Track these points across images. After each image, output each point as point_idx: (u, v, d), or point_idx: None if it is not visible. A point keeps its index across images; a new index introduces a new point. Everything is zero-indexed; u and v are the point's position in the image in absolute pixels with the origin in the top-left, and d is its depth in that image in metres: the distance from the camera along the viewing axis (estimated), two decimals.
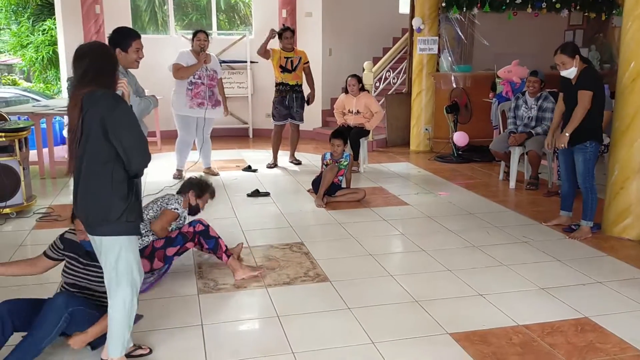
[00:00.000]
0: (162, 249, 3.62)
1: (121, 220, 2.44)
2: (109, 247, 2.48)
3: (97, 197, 2.42)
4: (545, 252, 4.21)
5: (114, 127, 2.36)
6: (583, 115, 4.33)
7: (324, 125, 9.52)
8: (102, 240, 2.48)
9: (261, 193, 5.84)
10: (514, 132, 6.12)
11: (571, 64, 4.36)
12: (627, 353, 2.83)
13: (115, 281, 2.52)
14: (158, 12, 14.25)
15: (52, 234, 4.57)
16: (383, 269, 3.89)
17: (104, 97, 2.39)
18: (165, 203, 3.75)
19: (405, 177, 6.76)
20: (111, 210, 2.41)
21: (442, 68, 8.27)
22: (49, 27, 13.97)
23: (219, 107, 6.45)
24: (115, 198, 2.42)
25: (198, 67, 6.13)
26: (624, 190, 4.44)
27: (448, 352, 2.85)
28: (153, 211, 3.73)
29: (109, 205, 2.41)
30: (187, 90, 6.18)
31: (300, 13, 9.41)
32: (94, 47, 2.56)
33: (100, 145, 2.38)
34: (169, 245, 3.63)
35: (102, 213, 2.42)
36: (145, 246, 3.61)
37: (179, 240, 3.64)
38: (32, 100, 11.31)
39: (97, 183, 2.41)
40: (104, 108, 2.36)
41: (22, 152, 5.11)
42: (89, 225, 2.49)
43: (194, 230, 3.68)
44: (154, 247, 3.63)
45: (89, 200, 2.44)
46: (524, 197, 5.87)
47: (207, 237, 3.71)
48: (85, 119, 2.39)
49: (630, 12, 4.32)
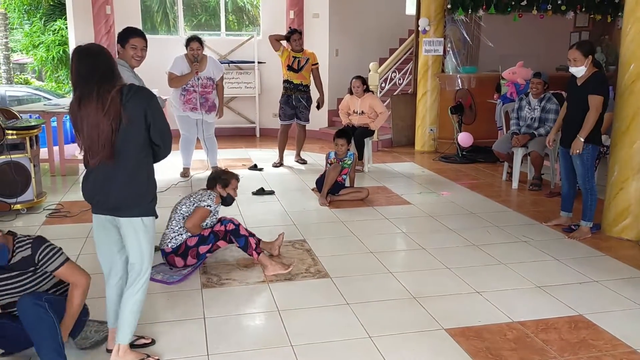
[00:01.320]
0: (195, 247, 3.80)
1: (152, 203, 2.66)
2: (138, 227, 2.62)
3: (137, 182, 2.61)
4: (544, 252, 4.27)
5: (153, 115, 2.57)
6: (595, 119, 4.36)
7: (330, 125, 9.60)
8: (131, 221, 2.61)
9: (266, 191, 5.93)
10: (516, 133, 6.17)
11: (582, 62, 4.38)
12: (618, 350, 2.89)
13: (139, 262, 2.66)
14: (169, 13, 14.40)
15: (61, 229, 4.72)
16: (383, 266, 3.97)
17: (144, 90, 2.63)
18: (199, 200, 3.87)
19: (409, 177, 6.83)
20: (147, 194, 2.63)
21: (448, 69, 8.33)
22: (59, 27, 14.15)
23: (213, 111, 6.45)
24: (151, 182, 2.66)
25: (190, 78, 6.16)
26: (624, 191, 4.49)
27: (443, 347, 2.92)
28: (186, 207, 3.86)
29: (145, 189, 2.64)
30: (181, 95, 6.27)
31: (307, 14, 9.50)
32: (101, 47, 2.67)
33: (143, 133, 2.57)
34: (202, 243, 3.80)
35: (139, 196, 2.61)
36: (179, 244, 3.78)
37: (211, 239, 3.82)
38: (44, 99, 11.48)
39: (139, 169, 2.61)
40: (146, 98, 2.58)
41: (33, 150, 5.23)
42: (120, 209, 2.60)
43: (225, 229, 3.85)
44: (187, 246, 3.79)
45: (129, 184, 2.59)
46: (526, 197, 5.93)
47: (237, 235, 3.87)
48: (126, 109, 2.49)
49: (631, 14, 4.37)
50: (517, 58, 7.37)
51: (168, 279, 3.68)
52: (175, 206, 3.95)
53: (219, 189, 4.05)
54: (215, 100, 6.47)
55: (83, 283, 2.68)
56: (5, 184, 5.02)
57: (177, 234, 3.81)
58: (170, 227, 3.86)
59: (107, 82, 2.49)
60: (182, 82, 6.19)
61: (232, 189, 4.10)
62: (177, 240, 3.79)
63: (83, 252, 4.17)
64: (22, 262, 2.61)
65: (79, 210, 5.10)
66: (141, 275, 2.68)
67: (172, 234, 3.82)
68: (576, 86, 4.50)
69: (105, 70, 2.51)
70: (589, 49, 4.41)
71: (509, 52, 8.19)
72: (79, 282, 2.68)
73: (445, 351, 2.88)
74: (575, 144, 4.42)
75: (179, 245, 3.78)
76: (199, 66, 6.17)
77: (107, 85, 2.48)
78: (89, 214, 5.21)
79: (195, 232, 3.81)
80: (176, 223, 3.83)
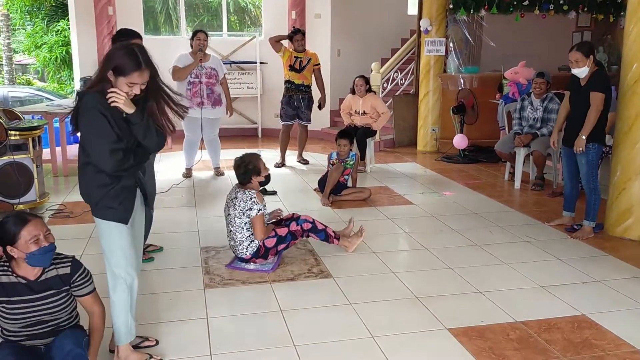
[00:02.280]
0: (274, 247, 3.93)
1: (99, 207, 2.58)
2: (100, 228, 2.64)
3: (83, 186, 2.63)
4: (547, 252, 4.27)
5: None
6: (597, 117, 4.36)
7: (332, 126, 9.60)
8: (96, 221, 2.64)
9: (268, 192, 5.93)
10: (519, 133, 6.17)
11: (584, 63, 4.37)
12: (621, 349, 2.89)
13: (107, 262, 2.65)
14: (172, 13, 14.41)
15: (64, 230, 4.72)
16: (385, 266, 3.97)
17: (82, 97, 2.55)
18: (246, 208, 3.83)
19: (411, 177, 6.82)
20: (92, 195, 2.59)
21: (450, 69, 8.33)
22: (62, 28, 14.19)
23: (219, 106, 6.45)
24: (93, 186, 2.58)
25: (194, 67, 6.21)
26: (626, 191, 4.48)
27: (445, 347, 2.92)
28: (238, 218, 3.86)
29: (90, 192, 2.60)
30: (187, 90, 6.28)
31: (309, 14, 9.51)
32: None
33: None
34: (280, 243, 3.94)
35: (87, 196, 2.63)
36: (256, 249, 3.88)
37: (289, 238, 3.97)
38: (46, 100, 11.51)
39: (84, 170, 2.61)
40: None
41: (35, 150, 5.25)
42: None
43: (302, 229, 4.00)
44: (266, 247, 3.90)
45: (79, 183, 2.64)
46: (529, 197, 5.92)
47: (316, 231, 4.06)
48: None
49: (633, 14, 4.37)
50: (519, 58, 7.37)
51: (262, 267, 3.88)
52: (226, 216, 3.97)
53: (253, 179, 4.01)
54: (221, 93, 6.48)
55: (103, 311, 2.60)
56: (8, 184, 5.04)
57: (249, 241, 3.87)
58: (236, 238, 3.88)
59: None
60: (186, 72, 6.22)
61: (263, 170, 4.05)
62: (252, 247, 3.87)
63: (86, 252, 4.18)
64: (57, 280, 2.45)
65: (81, 211, 5.11)
66: (113, 275, 2.65)
67: (245, 243, 3.87)
68: (579, 86, 4.50)
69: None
70: (589, 49, 4.41)
71: (511, 52, 8.20)
72: (100, 311, 2.59)
73: (448, 351, 2.88)
74: (578, 142, 4.41)
75: (257, 250, 3.88)
76: (202, 55, 6.20)
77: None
78: (90, 215, 5.24)
79: (268, 234, 3.92)
80: (241, 235, 3.86)
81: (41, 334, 2.45)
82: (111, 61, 2.46)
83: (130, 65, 2.43)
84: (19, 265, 2.39)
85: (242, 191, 3.92)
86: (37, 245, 2.35)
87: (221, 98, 6.49)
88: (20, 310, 2.38)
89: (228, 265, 3.97)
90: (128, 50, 2.47)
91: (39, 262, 2.38)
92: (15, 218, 2.38)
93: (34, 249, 2.34)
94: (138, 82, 2.47)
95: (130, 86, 2.45)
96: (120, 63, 2.43)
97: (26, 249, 2.33)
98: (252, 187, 3.97)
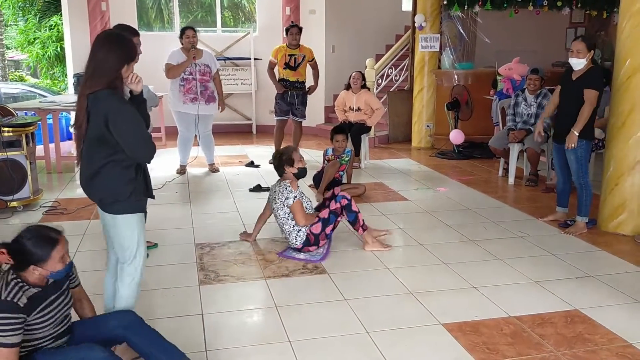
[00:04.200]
0: (322, 232, 4.06)
1: (130, 200, 2.59)
2: (121, 225, 2.62)
3: (106, 186, 2.59)
4: (540, 247, 4.29)
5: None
6: (590, 113, 4.37)
7: (326, 122, 9.60)
8: (114, 219, 2.61)
9: (263, 188, 5.92)
10: (513, 129, 6.19)
11: (584, 55, 4.38)
12: (614, 343, 2.91)
13: (129, 255, 2.66)
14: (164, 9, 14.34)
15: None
16: (380, 262, 3.98)
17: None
18: (284, 198, 4.06)
19: (405, 173, 6.84)
20: (120, 192, 2.57)
21: (444, 65, 8.34)
22: (55, 23, 14.09)
23: (213, 102, 6.45)
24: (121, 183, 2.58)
25: (187, 65, 6.19)
26: (619, 187, 4.51)
27: (440, 342, 2.93)
28: (281, 210, 4.08)
29: (118, 190, 2.57)
30: (180, 86, 6.27)
31: (304, 10, 9.49)
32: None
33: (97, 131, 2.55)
34: (326, 225, 4.07)
35: (113, 194, 2.58)
36: (306, 238, 4.05)
37: (332, 219, 4.09)
38: (39, 96, 11.42)
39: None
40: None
41: (29, 147, 5.22)
42: (103, 204, 2.62)
43: (340, 205, 4.10)
44: (314, 234, 4.05)
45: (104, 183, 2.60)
46: (522, 193, 5.95)
47: (349, 210, 4.13)
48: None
49: (626, 10, 4.38)
50: (513, 54, 7.39)
51: (312, 257, 4.00)
52: (272, 210, 4.20)
53: (288, 170, 4.16)
54: (214, 90, 6.48)
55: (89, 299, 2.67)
56: (1, 181, 5.01)
57: (297, 230, 4.06)
58: (285, 230, 4.11)
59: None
60: (180, 69, 6.21)
61: (298, 162, 4.19)
62: (300, 236, 4.05)
63: (80, 249, 4.17)
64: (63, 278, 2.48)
65: (75, 208, 5.10)
66: (126, 271, 2.68)
67: (294, 233, 4.06)
68: (571, 80, 4.51)
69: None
70: (592, 44, 4.45)
71: (505, 48, 8.21)
72: (88, 297, 2.66)
73: (442, 346, 2.90)
74: (570, 137, 4.43)
75: (307, 238, 4.04)
76: (195, 52, 6.18)
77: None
78: (85, 211, 5.25)
79: (312, 221, 4.05)
80: (288, 226, 4.07)
81: (64, 331, 2.46)
82: (126, 55, 2.56)
83: (134, 49, 2.65)
84: (31, 275, 2.30)
85: (279, 184, 4.18)
86: (63, 263, 2.34)
87: (214, 95, 6.48)
88: (50, 313, 2.36)
89: (279, 253, 4.14)
90: (125, 38, 2.64)
91: (59, 276, 2.38)
92: (43, 239, 2.29)
93: (60, 268, 2.33)
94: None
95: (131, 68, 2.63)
96: (131, 51, 2.59)
97: (54, 268, 2.30)
98: (287, 177, 4.16)
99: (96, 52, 2.52)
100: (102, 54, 2.51)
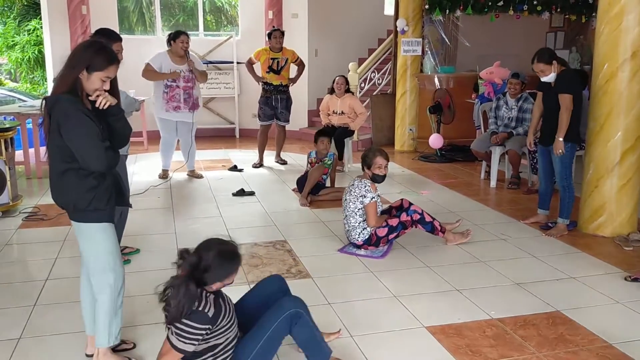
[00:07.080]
0: (385, 237, 4.16)
1: (89, 210, 2.53)
2: (84, 234, 2.59)
3: (65, 193, 2.55)
4: (522, 249, 4.33)
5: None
6: (569, 117, 4.42)
7: (310, 126, 9.61)
8: (79, 227, 2.59)
9: (246, 192, 5.91)
10: (495, 132, 6.24)
11: (550, 70, 4.48)
12: (594, 344, 2.95)
13: (93, 266, 2.61)
14: (146, 12, 14.25)
15: (38, 233, 4.65)
16: (364, 266, 3.99)
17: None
18: (360, 194, 4.13)
19: (389, 177, 6.77)
20: (79, 201, 2.52)
21: (426, 69, 8.40)
22: (34, 27, 13.93)
23: (196, 110, 6.39)
24: (81, 191, 2.51)
25: (165, 78, 6.13)
26: (598, 189, 4.57)
27: (423, 345, 2.94)
28: (352, 203, 4.18)
29: (77, 198, 2.52)
30: (164, 93, 6.21)
31: (286, 14, 9.50)
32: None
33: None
34: (391, 232, 4.18)
35: (72, 202, 2.54)
36: (368, 237, 4.15)
37: (399, 228, 4.18)
38: (19, 101, 11.27)
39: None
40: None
41: (8, 152, 5.15)
42: (67, 211, 2.60)
43: (411, 219, 4.19)
44: (378, 236, 4.15)
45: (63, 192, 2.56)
46: (504, 195, 6.00)
47: (424, 223, 4.23)
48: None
49: (604, 14, 4.45)
50: (495, 58, 7.46)
51: (372, 254, 4.14)
52: (343, 201, 4.28)
53: (366, 170, 4.22)
54: (199, 97, 6.44)
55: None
56: None
57: (362, 227, 4.16)
58: (350, 223, 4.20)
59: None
60: (157, 78, 6.15)
61: (377, 168, 4.20)
62: (364, 234, 4.16)
63: (60, 255, 4.11)
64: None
65: (55, 214, 5.03)
66: (99, 279, 2.62)
67: (358, 229, 4.17)
68: (550, 86, 4.58)
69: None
70: (550, 55, 4.51)
71: (487, 52, 8.28)
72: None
73: (426, 349, 2.91)
74: (556, 145, 4.48)
75: (369, 237, 4.15)
76: (177, 74, 6.13)
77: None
78: (65, 217, 5.14)
79: (381, 223, 4.15)
80: (354, 220, 4.17)
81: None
82: (83, 60, 2.44)
83: (107, 59, 2.46)
84: (214, 287, 2.40)
85: (359, 179, 4.22)
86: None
87: (199, 102, 6.44)
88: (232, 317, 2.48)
89: (340, 250, 4.25)
90: (98, 45, 2.50)
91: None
92: (237, 255, 2.42)
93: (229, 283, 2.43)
94: (113, 75, 2.51)
95: (104, 80, 2.47)
96: (95, 59, 2.44)
97: (232, 280, 2.42)
98: (366, 176, 4.23)
99: (70, 57, 2.49)
100: (73, 58, 2.46)
